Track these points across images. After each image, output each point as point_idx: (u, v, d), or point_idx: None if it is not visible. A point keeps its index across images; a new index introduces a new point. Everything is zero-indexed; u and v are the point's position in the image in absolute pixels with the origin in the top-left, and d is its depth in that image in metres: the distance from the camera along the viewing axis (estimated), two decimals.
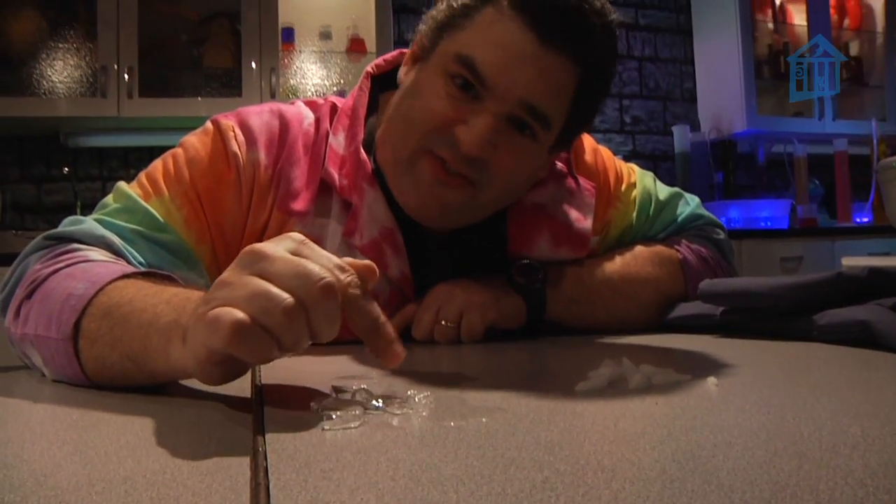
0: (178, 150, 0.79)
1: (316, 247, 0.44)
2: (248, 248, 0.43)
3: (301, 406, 0.43)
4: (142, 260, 0.72)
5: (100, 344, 0.54)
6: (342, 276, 0.43)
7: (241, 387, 0.52)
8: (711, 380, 0.48)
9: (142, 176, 0.79)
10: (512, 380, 0.52)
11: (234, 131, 0.79)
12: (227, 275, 0.43)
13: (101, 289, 0.56)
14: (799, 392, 0.45)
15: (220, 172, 0.77)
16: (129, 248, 0.71)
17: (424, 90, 0.75)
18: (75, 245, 0.68)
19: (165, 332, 0.48)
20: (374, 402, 0.43)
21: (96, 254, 0.67)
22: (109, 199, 0.78)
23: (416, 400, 0.44)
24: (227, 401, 0.48)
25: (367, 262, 0.47)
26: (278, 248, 0.43)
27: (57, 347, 0.57)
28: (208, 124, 0.82)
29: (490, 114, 0.72)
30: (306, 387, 0.51)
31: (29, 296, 0.62)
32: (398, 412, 0.42)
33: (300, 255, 0.43)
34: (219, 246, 0.77)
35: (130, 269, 0.63)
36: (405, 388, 0.50)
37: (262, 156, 0.79)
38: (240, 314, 0.39)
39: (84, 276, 0.59)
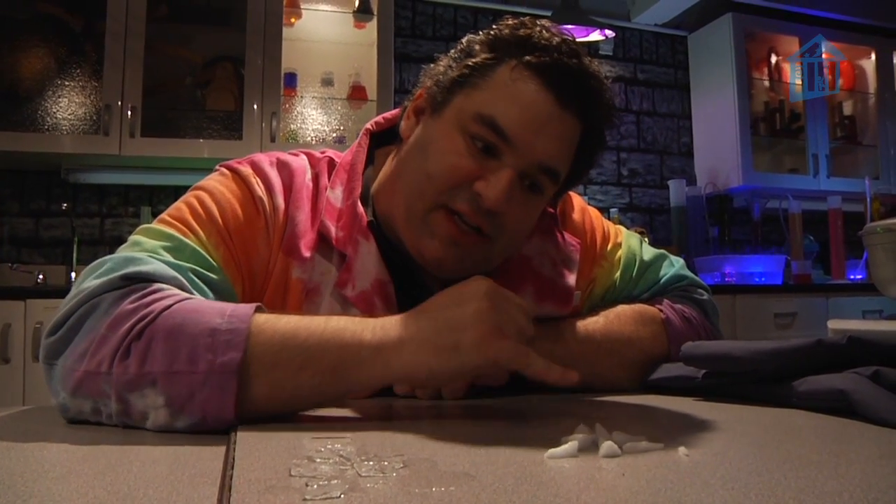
0: (202, 193, 0.79)
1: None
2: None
3: (275, 466, 0.43)
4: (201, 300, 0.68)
5: (285, 366, 0.59)
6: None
7: (215, 448, 0.52)
8: (682, 450, 0.48)
9: (166, 217, 0.76)
10: (486, 442, 0.52)
11: (255, 178, 0.81)
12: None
13: (249, 323, 0.59)
14: (767, 466, 0.45)
15: (251, 216, 0.79)
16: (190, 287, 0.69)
17: (441, 146, 0.77)
18: (158, 285, 0.65)
19: (378, 346, 0.61)
20: (346, 467, 0.43)
21: (185, 293, 0.65)
22: (140, 238, 0.73)
23: (386, 464, 0.44)
24: (201, 456, 0.48)
25: None
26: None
27: (205, 381, 0.56)
28: (224, 170, 0.83)
29: (510, 169, 0.75)
30: (283, 440, 0.51)
31: (139, 336, 0.59)
32: (367, 475, 0.42)
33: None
34: (246, 287, 0.78)
35: (245, 305, 0.63)
36: (379, 448, 0.50)
37: (280, 201, 0.81)
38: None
39: (212, 312, 0.60)
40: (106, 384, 0.59)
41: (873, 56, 3.99)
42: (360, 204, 0.82)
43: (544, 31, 0.78)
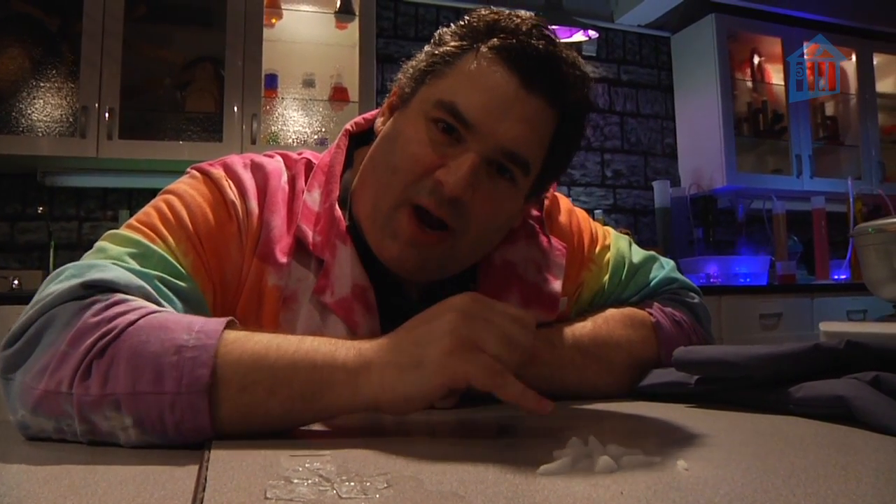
0: (171, 198, 0.75)
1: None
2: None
3: (250, 488, 0.40)
4: (170, 310, 0.65)
5: (252, 390, 0.56)
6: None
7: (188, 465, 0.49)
8: (681, 463, 0.46)
9: (133, 222, 0.73)
10: (475, 458, 0.49)
11: (227, 181, 0.77)
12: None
13: (218, 339, 0.56)
14: (773, 481, 0.42)
15: (222, 221, 0.75)
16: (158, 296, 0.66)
17: (405, 136, 0.75)
18: (122, 296, 0.61)
19: (350, 369, 0.57)
20: (326, 488, 0.41)
21: (152, 305, 0.61)
22: (105, 244, 0.69)
23: (368, 484, 0.41)
24: (172, 475, 0.45)
25: None
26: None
27: (174, 402, 0.53)
28: (195, 173, 0.79)
29: (473, 154, 0.71)
30: (259, 458, 0.48)
31: (101, 353, 0.55)
32: (347, 497, 0.39)
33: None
34: (218, 295, 0.74)
35: (215, 319, 0.59)
36: (361, 465, 0.47)
37: (254, 205, 0.77)
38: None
39: (179, 327, 0.56)
40: (67, 404, 0.55)
41: (854, 57, 4.02)
42: (337, 207, 0.79)
43: (514, 17, 0.75)
